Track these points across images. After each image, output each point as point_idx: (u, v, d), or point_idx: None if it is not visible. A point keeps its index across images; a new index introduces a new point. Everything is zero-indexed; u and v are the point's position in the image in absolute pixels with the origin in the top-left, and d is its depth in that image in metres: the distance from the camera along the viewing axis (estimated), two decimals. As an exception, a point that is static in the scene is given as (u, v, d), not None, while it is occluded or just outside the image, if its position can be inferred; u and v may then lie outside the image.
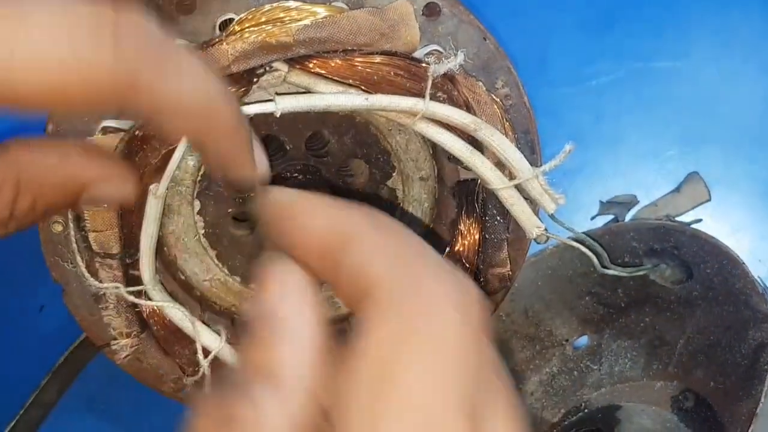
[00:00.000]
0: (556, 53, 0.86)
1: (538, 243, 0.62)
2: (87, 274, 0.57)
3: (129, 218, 0.57)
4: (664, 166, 0.84)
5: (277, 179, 0.62)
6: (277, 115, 0.53)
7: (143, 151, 0.55)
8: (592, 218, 0.80)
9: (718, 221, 0.83)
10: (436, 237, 0.66)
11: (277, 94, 0.54)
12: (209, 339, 0.60)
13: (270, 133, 0.62)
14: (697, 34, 0.85)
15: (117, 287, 0.58)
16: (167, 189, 0.56)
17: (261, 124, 0.61)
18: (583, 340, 0.77)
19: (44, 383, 0.78)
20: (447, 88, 0.56)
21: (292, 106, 0.53)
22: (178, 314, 0.58)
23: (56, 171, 0.47)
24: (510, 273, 0.63)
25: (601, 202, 0.80)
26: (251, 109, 0.53)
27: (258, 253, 0.66)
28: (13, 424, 0.77)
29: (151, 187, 0.55)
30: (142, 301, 0.58)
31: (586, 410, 0.72)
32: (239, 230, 0.66)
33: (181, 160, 0.57)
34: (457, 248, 0.62)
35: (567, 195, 0.75)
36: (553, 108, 0.84)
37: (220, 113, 0.41)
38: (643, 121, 0.85)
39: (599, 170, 0.84)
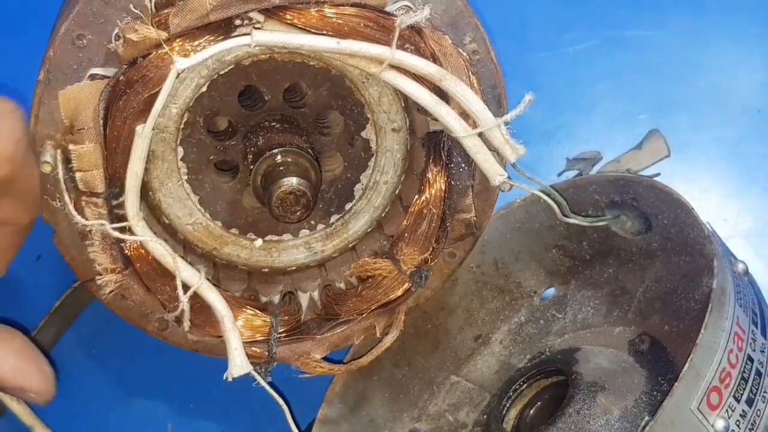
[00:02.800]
0: (533, 20, 0.89)
1: (502, 191, 0.65)
2: (74, 212, 0.61)
3: (114, 158, 0.60)
4: (634, 130, 0.87)
5: (256, 128, 0.66)
6: (252, 47, 0.57)
7: (127, 95, 0.58)
8: (559, 174, 0.84)
9: (687, 183, 0.87)
10: (408, 185, 0.70)
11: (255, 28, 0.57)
12: (189, 274, 0.63)
13: (250, 84, 0.66)
14: (670, 4, 0.88)
15: (102, 224, 0.61)
16: (152, 131, 0.59)
17: (241, 75, 0.64)
18: (550, 292, 0.81)
19: (41, 326, 0.81)
20: (414, 40, 0.60)
21: (267, 39, 0.57)
22: (159, 249, 0.62)
23: None
24: (475, 219, 0.67)
25: (568, 159, 0.84)
26: (228, 44, 0.57)
27: (239, 198, 0.70)
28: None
29: (138, 128, 0.59)
30: (125, 236, 0.61)
31: (545, 355, 0.76)
32: (221, 177, 0.70)
33: (164, 108, 0.61)
34: (424, 195, 0.66)
35: (542, 157, 0.80)
36: (529, 73, 0.88)
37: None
38: (616, 87, 0.89)
39: (572, 133, 0.88)
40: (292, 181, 0.62)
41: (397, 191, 0.71)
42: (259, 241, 0.71)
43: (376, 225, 0.72)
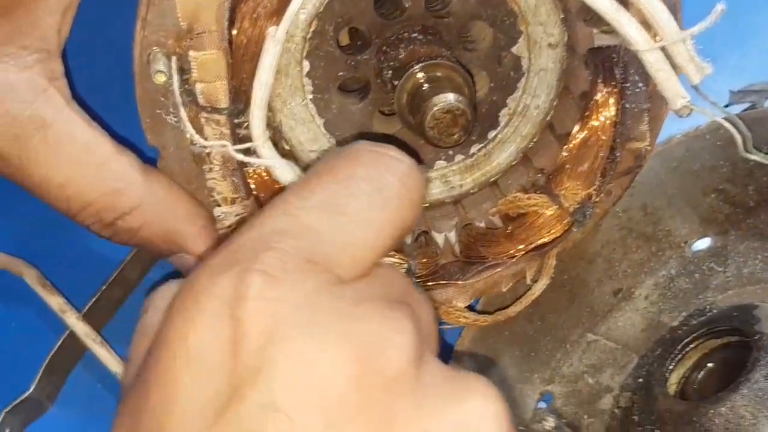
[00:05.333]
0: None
1: (680, 116, 0.58)
2: (192, 130, 0.53)
3: (240, 68, 0.53)
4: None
5: (394, 40, 0.58)
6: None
7: (258, -9, 0.51)
8: (726, 107, 0.75)
9: None
10: (563, 110, 0.62)
11: None
12: (321, 206, 0.56)
13: (388, -12, 0.58)
14: None
15: (224, 145, 0.54)
16: (285, 34, 0.52)
17: (379, -22, 0.57)
18: (702, 243, 0.73)
19: (127, 261, 0.75)
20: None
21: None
22: (290, 174, 0.55)
23: (174, 221, 0.55)
24: (648, 149, 0.59)
25: (732, 92, 0.75)
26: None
27: (369, 124, 0.62)
28: (93, 300, 0.75)
29: (270, 29, 0.51)
30: (251, 159, 0.54)
31: (712, 312, 0.68)
32: (348, 98, 0.62)
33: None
34: (591, 121, 0.58)
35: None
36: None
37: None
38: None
39: (730, 63, 0.79)
40: (448, 98, 0.54)
41: (548, 118, 0.63)
42: (389, 173, 0.63)
43: (523, 157, 0.64)
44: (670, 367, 0.65)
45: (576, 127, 0.59)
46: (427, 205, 0.65)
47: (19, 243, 0.79)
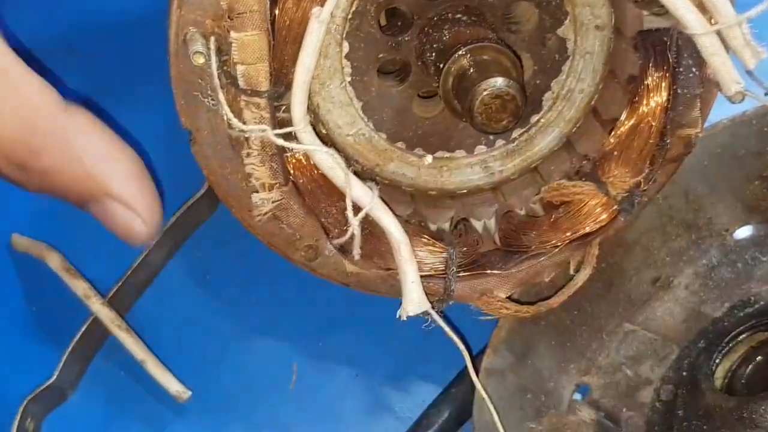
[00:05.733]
0: None
1: (733, 102, 0.56)
2: (231, 114, 0.52)
3: (282, 50, 0.52)
4: None
5: (437, 21, 0.57)
6: None
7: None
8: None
9: None
10: (609, 94, 0.60)
11: None
12: (361, 193, 0.54)
13: (430, -34, 0.56)
14: None
15: (264, 130, 0.52)
16: (329, 15, 0.50)
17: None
18: (744, 231, 0.71)
19: (152, 246, 0.74)
20: None
21: None
22: (330, 160, 0.53)
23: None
24: (699, 135, 0.57)
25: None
26: None
27: (408, 107, 0.61)
28: (118, 285, 0.73)
29: (314, 10, 0.50)
30: (292, 144, 0.52)
31: (758, 304, 0.66)
32: (388, 81, 0.61)
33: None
34: (641, 107, 0.57)
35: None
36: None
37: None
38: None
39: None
40: (498, 82, 0.52)
41: (592, 102, 0.61)
42: (428, 158, 0.62)
43: (566, 142, 0.63)
44: (717, 360, 0.64)
45: (624, 113, 0.58)
46: (464, 191, 0.63)
47: (41, 226, 0.78)
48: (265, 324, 0.77)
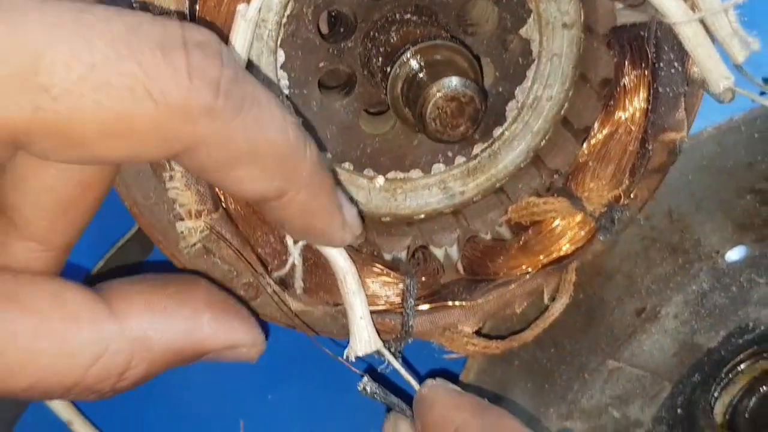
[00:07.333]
0: None
1: (720, 102, 0.50)
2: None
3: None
4: None
5: (384, 23, 0.51)
6: None
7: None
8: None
9: None
10: (581, 101, 0.55)
11: None
12: (301, 219, 0.48)
13: (375, -40, 0.51)
14: None
15: (186, 148, 0.46)
16: (258, 12, 0.44)
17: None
18: (737, 252, 0.65)
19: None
20: None
21: None
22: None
23: (182, 340, 0.44)
24: (684, 140, 0.52)
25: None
26: None
27: (354, 123, 0.55)
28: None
29: (240, 7, 0.44)
30: (219, 163, 0.46)
31: (759, 329, 0.60)
32: (331, 93, 0.55)
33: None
34: (617, 111, 0.51)
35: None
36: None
37: (300, 161, 0.40)
38: None
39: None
40: (452, 82, 0.47)
41: (562, 111, 0.56)
42: (380, 179, 0.56)
43: (534, 157, 0.57)
44: (715, 394, 0.58)
45: (598, 119, 0.52)
46: (422, 216, 0.57)
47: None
48: (210, 375, 0.70)
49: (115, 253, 0.69)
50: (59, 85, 0.32)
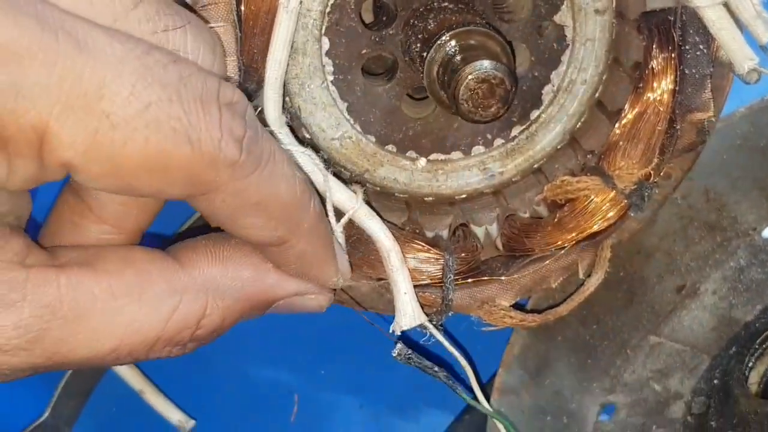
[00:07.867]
0: None
1: (746, 82, 0.52)
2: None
3: (251, 42, 0.49)
4: None
5: (422, 11, 0.54)
6: None
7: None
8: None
9: None
10: (614, 84, 0.57)
11: None
12: (344, 196, 0.51)
13: (413, -49, 0.53)
14: None
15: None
16: (299, 4, 0.47)
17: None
18: (775, 228, 0.67)
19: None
20: None
21: None
22: (308, 162, 0.50)
23: (251, 286, 0.47)
24: (712, 120, 0.54)
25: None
26: None
27: (397, 107, 0.57)
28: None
29: (282, -1, 0.47)
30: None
31: (793, 303, 0.62)
32: (375, 79, 0.58)
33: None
34: (646, 93, 0.53)
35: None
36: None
37: (303, 215, 0.45)
38: None
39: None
40: (483, 65, 0.49)
41: (597, 94, 0.58)
42: (422, 161, 0.59)
43: (570, 138, 0.59)
44: (750, 365, 0.60)
45: (628, 101, 0.54)
46: (463, 196, 0.60)
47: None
48: (267, 353, 0.73)
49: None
50: (119, 114, 0.36)
